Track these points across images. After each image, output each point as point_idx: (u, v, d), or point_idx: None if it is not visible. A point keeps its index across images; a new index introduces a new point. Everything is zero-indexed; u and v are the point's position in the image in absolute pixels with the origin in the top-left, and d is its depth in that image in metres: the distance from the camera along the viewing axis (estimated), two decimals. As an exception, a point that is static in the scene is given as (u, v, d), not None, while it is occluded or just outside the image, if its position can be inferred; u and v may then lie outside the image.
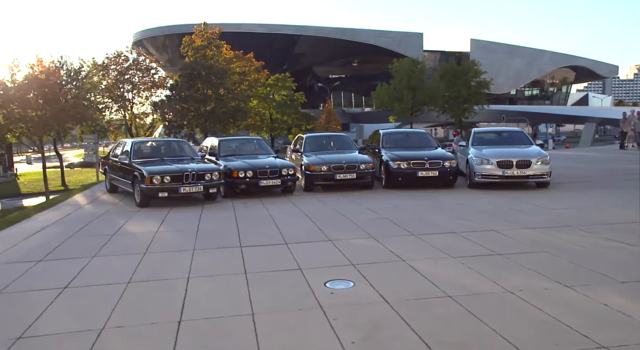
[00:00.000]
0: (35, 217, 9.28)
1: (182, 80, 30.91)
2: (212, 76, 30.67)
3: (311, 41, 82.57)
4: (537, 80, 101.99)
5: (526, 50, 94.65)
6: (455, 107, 48.47)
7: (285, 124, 48.72)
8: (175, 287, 5.15)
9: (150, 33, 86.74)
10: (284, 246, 6.69)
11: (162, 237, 7.40)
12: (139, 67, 47.55)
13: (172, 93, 31.80)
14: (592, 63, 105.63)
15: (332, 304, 4.53)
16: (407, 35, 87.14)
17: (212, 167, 10.46)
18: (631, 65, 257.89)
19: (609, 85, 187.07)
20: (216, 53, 33.18)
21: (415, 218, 8.38)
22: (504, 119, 64.15)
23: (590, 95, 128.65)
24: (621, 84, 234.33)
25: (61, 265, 6.09)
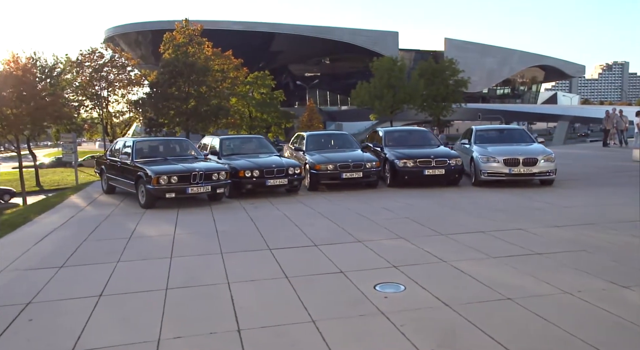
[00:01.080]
0: (38, 221, 8.84)
1: (163, 77, 30.25)
2: (194, 74, 30.14)
3: (287, 39, 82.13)
4: (509, 79, 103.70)
5: (498, 50, 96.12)
6: (433, 106, 48.93)
7: (264, 122, 48.32)
8: (219, 293, 4.90)
9: (122, 29, 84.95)
10: (315, 248, 6.50)
11: (182, 240, 7.11)
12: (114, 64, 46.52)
13: (153, 91, 31.07)
14: (560, 63, 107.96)
15: (392, 309, 4.36)
16: (383, 34, 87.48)
17: (219, 166, 10.17)
18: (596, 65, 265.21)
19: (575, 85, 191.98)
20: (198, 50, 32.60)
21: (436, 217, 8.28)
22: (480, 117, 64.92)
23: (559, 94, 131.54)
24: (586, 83, 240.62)
25: (86, 271, 5.77)
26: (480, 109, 69.70)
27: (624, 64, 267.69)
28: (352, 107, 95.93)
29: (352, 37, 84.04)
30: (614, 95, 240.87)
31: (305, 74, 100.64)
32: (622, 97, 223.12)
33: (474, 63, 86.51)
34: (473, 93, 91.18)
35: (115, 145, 11.71)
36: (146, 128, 33.94)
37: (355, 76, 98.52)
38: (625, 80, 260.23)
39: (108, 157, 11.67)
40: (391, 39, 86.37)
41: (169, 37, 32.57)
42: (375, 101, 45.24)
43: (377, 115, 48.49)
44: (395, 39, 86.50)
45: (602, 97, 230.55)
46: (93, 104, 47.04)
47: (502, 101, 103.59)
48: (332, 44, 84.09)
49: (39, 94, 32.59)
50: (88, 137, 48.72)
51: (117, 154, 11.20)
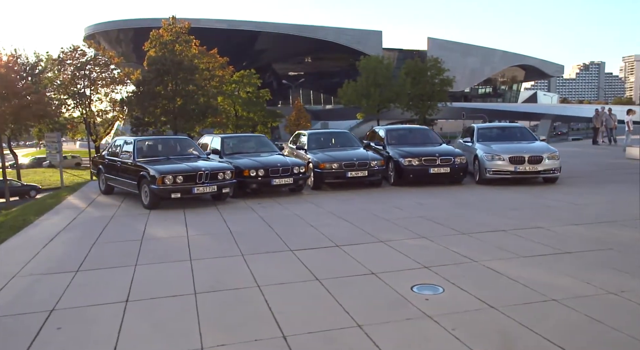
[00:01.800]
0: (39, 223, 8.51)
1: (150, 75, 29.75)
2: (181, 72, 29.71)
3: (270, 38, 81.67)
4: (490, 78, 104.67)
5: (479, 49, 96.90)
6: (419, 105, 49.09)
7: (251, 121, 47.95)
8: (252, 297, 4.70)
9: (103, 27, 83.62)
10: (337, 249, 6.33)
11: (197, 241, 6.88)
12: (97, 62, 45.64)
13: (139, 89, 30.52)
14: (540, 62, 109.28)
15: (437, 313, 4.21)
16: (366, 33, 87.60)
17: (224, 165, 9.93)
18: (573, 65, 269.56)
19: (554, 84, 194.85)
20: (185, 48, 32.13)
21: (451, 216, 8.16)
22: (464, 116, 65.49)
23: (539, 93, 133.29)
24: (564, 82, 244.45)
25: (104, 275, 5.51)
26: (464, 108, 70.25)
27: (600, 64, 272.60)
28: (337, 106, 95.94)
29: (336, 36, 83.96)
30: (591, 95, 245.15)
31: (289, 73, 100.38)
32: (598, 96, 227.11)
33: (457, 62, 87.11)
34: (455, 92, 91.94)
35: (114, 144, 11.37)
36: (132, 127, 33.36)
37: (339, 75, 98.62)
38: (601, 80, 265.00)
39: (106, 157, 11.33)
40: (375, 38, 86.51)
41: (156, 34, 32.02)
42: (362, 100, 45.22)
43: (364, 113, 48.42)
44: (378, 38, 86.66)
45: (580, 96, 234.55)
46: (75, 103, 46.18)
47: (483, 100, 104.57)
48: (316, 43, 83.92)
49: (21, 92, 31.80)
50: (70, 136, 47.71)
51: (117, 153, 10.88)
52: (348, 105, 48.35)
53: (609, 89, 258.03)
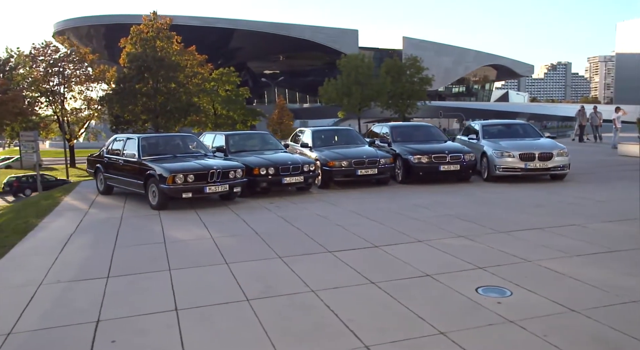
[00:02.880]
0: (44, 225, 7.97)
1: (131, 72, 28.92)
2: (163, 69, 28.97)
3: (246, 36, 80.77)
4: (463, 78, 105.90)
5: (453, 49, 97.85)
6: (399, 103, 49.27)
7: (230, 119, 47.29)
8: (311, 303, 4.39)
9: (74, 23, 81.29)
10: (377, 249, 6.04)
11: (225, 243, 6.50)
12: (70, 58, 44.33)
13: (119, 86, 29.61)
14: (511, 62, 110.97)
15: (518, 317, 3.96)
16: (342, 32, 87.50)
17: (235, 164, 9.53)
18: (541, 65, 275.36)
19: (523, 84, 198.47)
20: (167, 45, 31.36)
21: (479, 214, 7.95)
22: (441, 114, 65.95)
23: (511, 92, 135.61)
24: (533, 82, 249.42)
25: (140, 281, 5.10)
26: (441, 107, 70.78)
27: (567, 64, 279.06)
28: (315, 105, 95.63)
29: (312, 35, 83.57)
30: (559, 94, 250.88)
31: (264, 72, 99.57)
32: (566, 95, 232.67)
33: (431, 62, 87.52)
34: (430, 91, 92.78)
35: (114, 142, 10.82)
36: (112, 126, 32.40)
37: (315, 74, 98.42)
38: (568, 80, 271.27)
39: (105, 155, 10.79)
40: (351, 36, 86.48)
41: (136, 30, 31.10)
42: (343, 98, 45.07)
43: (345, 112, 48.29)
44: (355, 37, 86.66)
45: (548, 95, 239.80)
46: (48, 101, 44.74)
47: (457, 99, 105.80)
48: (292, 41, 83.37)
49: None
50: (44, 135, 46.23)
51: (118, 151, 10.35)
52: (329, 103, 48.12)
53: (575, 88, 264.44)
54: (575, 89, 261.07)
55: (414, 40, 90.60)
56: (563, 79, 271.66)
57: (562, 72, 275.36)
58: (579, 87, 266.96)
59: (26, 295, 4.72)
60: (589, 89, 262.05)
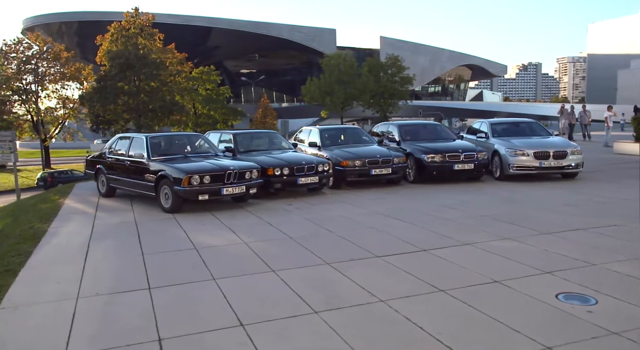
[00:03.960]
0: (54, 231, 7.41)
1: (112, 70, 28.03)
2: (146, 67, 28.18)
3: (224, 34, 79.79)
4: (439, 77, 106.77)
5: (429, 49, 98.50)
6: (381, 102, 49.23)
7: (211, 118, 46.47)
8: (388, 315, 4.05)
9: (44, 19, 78.94)
10: (427, 253, 5.74)
11: (262, 249, 6.10)
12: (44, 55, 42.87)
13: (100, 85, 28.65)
14: (485, 62, 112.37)
15: (620, 328, 3.69)
16: (320, 31, 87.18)
17: (251, 164, 9.10)
18: (513, 65, 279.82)
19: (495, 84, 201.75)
20: (149, 42, 30.53)
21: (512, 214, 7.70)
22: (421, 114, 66.30)
23: (485, 92, 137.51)
24: (505, 82, 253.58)
25: (187, 293, 4.68)
26: (421, 106, 71.13)
27: (538, 65, 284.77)
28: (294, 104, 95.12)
29: (290, 34, 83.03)
30: (530, 94, 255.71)
31: (241, 70, 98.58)
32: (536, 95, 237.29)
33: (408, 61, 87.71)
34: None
35: (117, 142, 10.26)
36: (92, 125, 31.40)
37: (292, 73, 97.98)
38: (539, 80, 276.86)
39: (108, 156, 10.23)
40: (329, 36, 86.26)
41: (118, 27, 30.14)
42: (326, 97, 44.76)
43: (328, 111, 47.98)
44: (332, 36, 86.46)
45: (520, 95, 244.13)
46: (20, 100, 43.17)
47: (432, 98, 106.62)
48: (270, 40, 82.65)
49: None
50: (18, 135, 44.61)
51: (123, 152, 9.81)
52: (311, 102, 47.73)
53: (545, 88, 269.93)
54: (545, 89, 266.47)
55: (391, 39, 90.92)
56: (534, 79, 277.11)
57: (533, 72, 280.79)
58: (549, 87, 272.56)
59: (66, 311, 4.26)
60: (559, 88, 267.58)
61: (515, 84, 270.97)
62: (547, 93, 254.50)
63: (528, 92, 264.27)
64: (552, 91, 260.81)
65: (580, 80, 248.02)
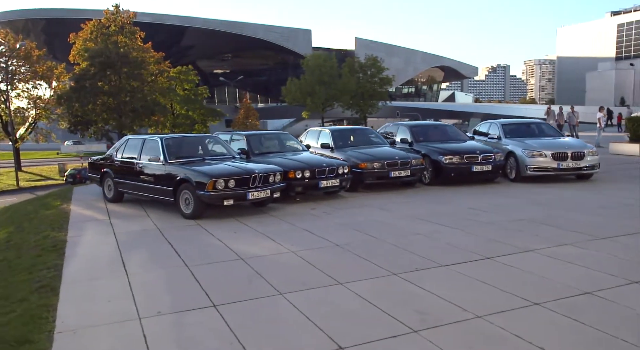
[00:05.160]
0: (75, 241, 6.82)
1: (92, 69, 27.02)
2: (128, 66, 27.28)
3: (198, 34, 78.50)
4: (412, 79, 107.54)
5: (403, 50, 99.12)
6: (361, 103, 49.15)
7: (189, 119, 45.58)
8: (495, 332, 3.73)
9: (9, 16, 76.12)
10: (494, 262, 5.42)
11: (313, 258, 5.69)
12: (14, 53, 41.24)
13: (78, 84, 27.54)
14: (457, 64, 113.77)
15: None
16: (295, 31, 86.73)
17: (274, 167, 8.67)
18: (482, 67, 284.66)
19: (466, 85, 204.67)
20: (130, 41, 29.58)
21: (551, 217, 7.47)
22: (398, 114, 66.52)
23: (457, 93, 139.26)
24: (475, 83, 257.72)
25: (259, 310, 4.26)
26: (398, 107, 71.42)
27: (506, 67, 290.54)
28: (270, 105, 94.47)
29: (265, 34, 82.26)
30: (498, 95, 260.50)
31: (214, 71, 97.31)
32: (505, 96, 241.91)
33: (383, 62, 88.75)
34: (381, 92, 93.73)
35: (127, 143, 9.67)
36: (70, 126, 30.25)
37: (267, 73, 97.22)
38: (507, 82, 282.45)
39: (116, 159, 9.63)
40: (304, 36, 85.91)
41: (97, 24, 29.07)
42: (307, 98, 44.38)
43: (309, 111, 47.58)
44: (308, 37, 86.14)
45: (489, 96, 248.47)
46: (-13, 100, 41.40)
47: (406, 100, 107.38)
48: (244, 40, 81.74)
49: None
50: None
51: (134, 154, 9.24)
52: (292, 103, 47.28)
53: (513, 90, 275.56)
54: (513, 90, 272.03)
55: (366, 41, 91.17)
56: (502, 80, 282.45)
57: (502, 74, 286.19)
58: (517, 88, 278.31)
59: (135, 334, 3.80)
60: (526, 90, 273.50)
61: (485, 86, 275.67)
62: (515, 94, 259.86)
63: (497, 93, 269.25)
64: (520, 93, 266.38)
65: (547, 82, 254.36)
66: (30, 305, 4.43)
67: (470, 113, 71.95)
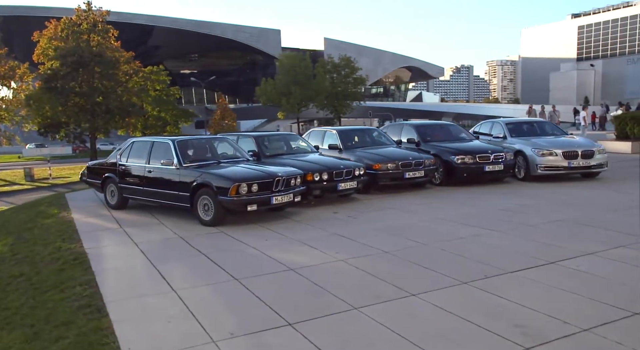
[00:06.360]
0: (96, 253, 6.27)
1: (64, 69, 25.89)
2: (101, 65, 26.27)
3: (165, 33, 76.87)
4: (381, 79, 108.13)
5: (372, 51, 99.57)
6: (336, 103, 49.01)
7: (161, 120, 44.41)
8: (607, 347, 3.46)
9: (-40, 12, 72.64)
10: (559, 266, 5.18)
11: (367, 267, 5.32)
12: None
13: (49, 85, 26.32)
14: (424, 64, 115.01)
15: None
16: (265, 31, 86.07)
17: (295, 170, 8.27)
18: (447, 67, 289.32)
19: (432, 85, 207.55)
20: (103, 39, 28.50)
21: (588, 217, 7.33)
22: (370, 114, 66.68)
23: (424, 93, 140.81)
24: (440, 83, 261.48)
25: (343, 327, 3.89)
26: (370, 107, 71.58)
27: (470, 67, 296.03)
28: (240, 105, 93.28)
29: (234, 34, 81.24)
30: (463, 95, 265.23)
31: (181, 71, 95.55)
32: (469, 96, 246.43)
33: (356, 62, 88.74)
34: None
35: (132, 146, 9.08)
36: (40, 128, 28.94)
37: (235, 74, 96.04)
38: (471, 82, 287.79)
39: (121, 163, 9.04)
40: (273, 36, 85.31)
41: (68, 21, 27.84)
42: (282, 98, 43.89)
43: (284, 112, 47.08)
44: (277, 37, 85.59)
45: (454, 96, 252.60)
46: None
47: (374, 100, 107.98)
48: (213, 40, 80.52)
49: None
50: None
51: (141, 158, 8.68)
52: (267, 103, 46.70)
53: (477, 89, 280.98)
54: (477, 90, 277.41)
55: (335, 41, 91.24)
56: (466, 80, 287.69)
57: (465, 74, 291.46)
58: (480, 88, 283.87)
59: (219, 361, 3.37)
60: (489, 90, 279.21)
61: (450, 86, 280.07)
62: (479, 94, 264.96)
63: (461, 93, 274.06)
64: (483, 92, 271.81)
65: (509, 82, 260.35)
66: (81, 329, 3.94)
67: (442, 112, 72.73)
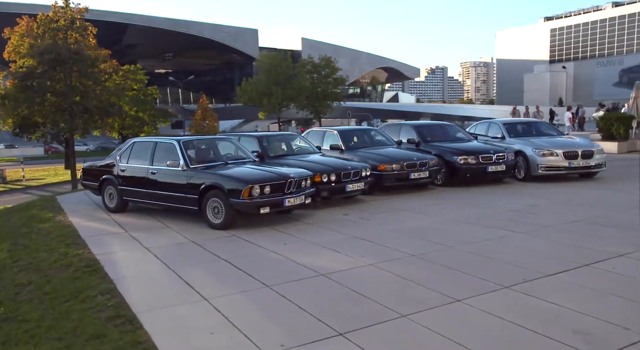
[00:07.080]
0: (108, 260, 5.92)
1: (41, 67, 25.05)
2: (80, 63, 25.51)
3: (140, 32, 75.52)
4: (357, 79, 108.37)
5: (349, 51, 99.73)
6: (316, 103, 48.87)
7: (139, 120, 43.59)
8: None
9: None
10: (594, 269, 5.10)
11: (400, 271, 5.15)
12: None
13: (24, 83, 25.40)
14: (399, 65, 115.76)
15: None
16: (242, 31, 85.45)
17: (306, 171, 8.05)
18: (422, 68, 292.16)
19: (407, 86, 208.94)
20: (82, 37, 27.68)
21: (603, 217, 7.30)
22: (350, 115, 66.73)
23: (400, 94, 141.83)
24: (415, 84, 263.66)
25: (393, 336, 3.72)
26: (349, 108, 71.63)
27: (444, 68, 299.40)
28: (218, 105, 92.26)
29: (212, 33, 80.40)
30: (437, 96, 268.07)
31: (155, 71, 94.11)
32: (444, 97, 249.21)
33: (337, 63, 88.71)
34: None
35: (132, 147, 8.72)
36: (15, 129, 27.97)
37: (211, 73, 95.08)
38: (445, 83, 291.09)
39: (121, 165, 8.68)
40: (251, 36, 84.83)
41: (45, 18, 26.96)
42: (263, 98, 43.52)
43: (265, 112, 46.69)
44: (255, 36, 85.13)
45: (429, 97, 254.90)
46: None
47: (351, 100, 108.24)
48: (189, 39, 79.51)
49: None
50: None
51: (143, 159, 8.34)
52: (248, 103, 46.26)
53: (451, 90, 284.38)
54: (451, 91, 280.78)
55: (312, 41, 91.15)
56: (441, 82, 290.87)
57: (440, 75, 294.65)
58: (454, 89, 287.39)
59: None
60: (463, 91, 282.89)
61: (425, 86, 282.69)
62: (453, 95, 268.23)
63: (436, 94, 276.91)
64: (457, 93, 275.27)
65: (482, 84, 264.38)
66: (117, 343, 3.67)
67: (420, 113, 73.33)
